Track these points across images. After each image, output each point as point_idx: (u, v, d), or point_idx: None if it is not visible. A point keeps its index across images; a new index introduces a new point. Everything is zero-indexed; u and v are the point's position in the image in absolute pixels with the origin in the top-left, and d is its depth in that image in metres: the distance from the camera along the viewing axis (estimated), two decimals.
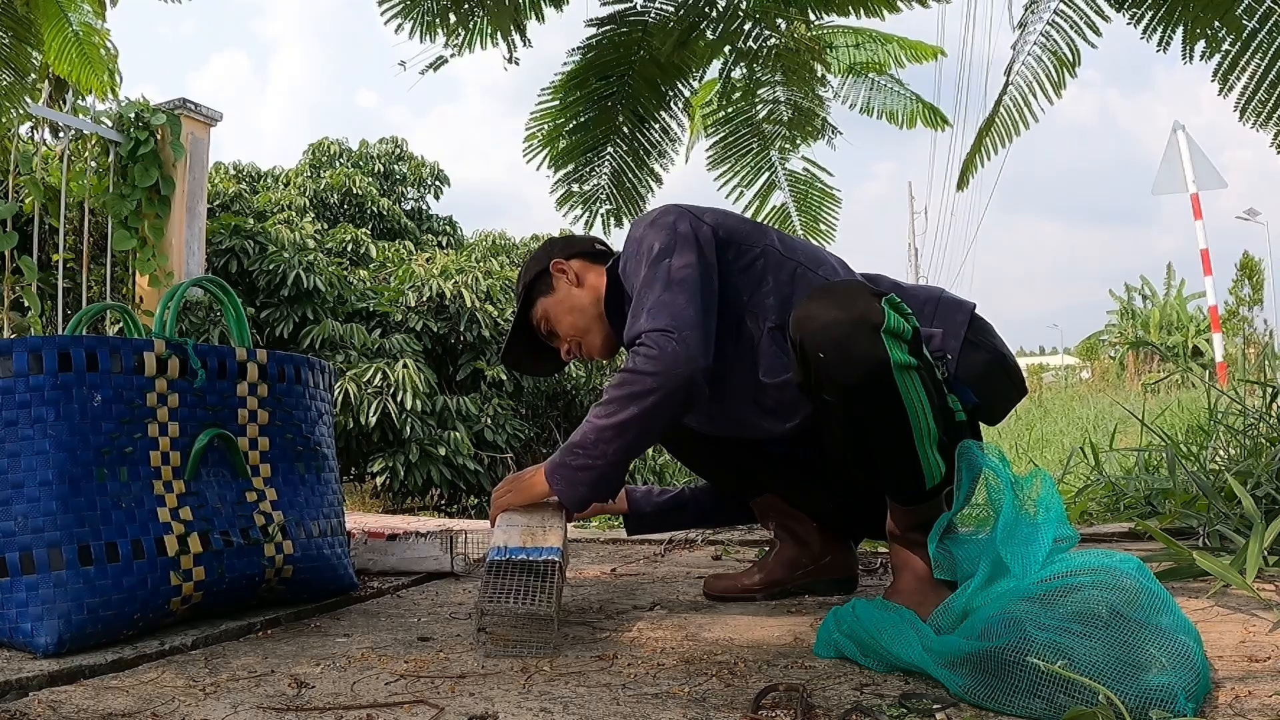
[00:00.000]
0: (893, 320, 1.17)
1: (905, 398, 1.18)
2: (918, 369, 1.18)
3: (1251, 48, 1.65)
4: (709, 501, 1.75)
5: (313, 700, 0.98)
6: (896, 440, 1.20)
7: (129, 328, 1.59)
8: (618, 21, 2.35)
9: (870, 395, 1.18)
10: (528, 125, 2.53)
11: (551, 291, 1.58)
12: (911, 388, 1.18)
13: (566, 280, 1.58)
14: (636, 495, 1.75)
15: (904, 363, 1.17)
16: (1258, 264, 19.91)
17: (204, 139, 4.92)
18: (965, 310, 1.39)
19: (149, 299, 4.64)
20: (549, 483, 1.37)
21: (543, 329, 1.61)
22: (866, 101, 2.74)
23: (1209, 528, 1.77)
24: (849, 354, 1.16)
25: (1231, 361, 6.76)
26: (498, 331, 6.45)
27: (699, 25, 2.32)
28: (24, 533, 1.16)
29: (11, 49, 2.44)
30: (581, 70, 2.43)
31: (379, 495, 6.26)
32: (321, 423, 1.59)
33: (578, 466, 1.34)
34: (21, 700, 0.99)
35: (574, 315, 1.57)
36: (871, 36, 2.66)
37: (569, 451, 1.35)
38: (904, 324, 1.18)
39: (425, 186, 12.81)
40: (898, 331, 1.17)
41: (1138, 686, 0.86)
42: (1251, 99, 1.69)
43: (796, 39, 2.37)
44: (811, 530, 1.60)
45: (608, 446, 1.32)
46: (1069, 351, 26.98)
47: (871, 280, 1.44)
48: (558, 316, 1.58)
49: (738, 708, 0.95)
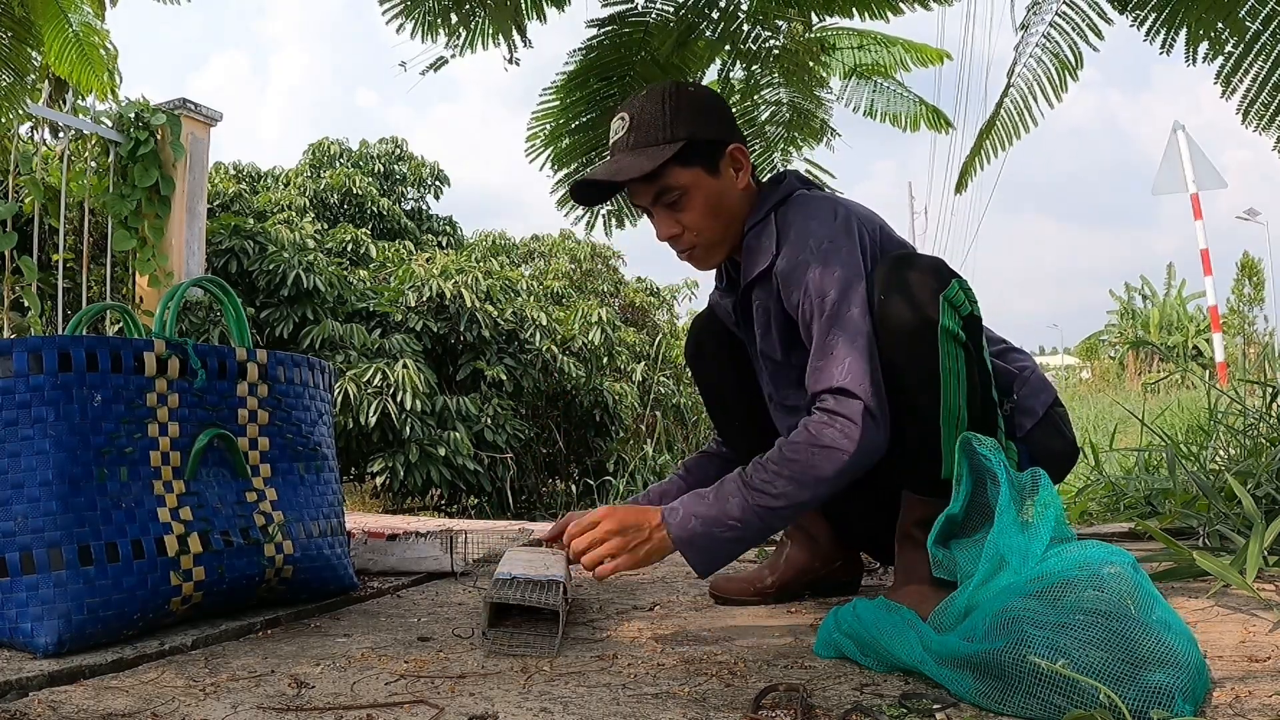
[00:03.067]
0: (954, 290, 1.23)
1: (943, 365, 1.22)
2: (964, 345, 1.23)
3: (1254, 50, 1.65)
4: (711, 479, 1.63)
5: (313, 700, 0.98)
6: (925, 407, 1.23)
7: (129, 328, 1.59)
8: (618, 22, 2.35)
9: (911, 350, 1.22)
10: (529, 125, 2.53)
11: (715, 174, 1.34)
12: (951, 358, 1.22)
13: (732, 173, 1.36)
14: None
15: (951, 330, 1.22)
16: (1258, 264, 19.92)
17: (204, 139, 4.92)
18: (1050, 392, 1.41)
19: (149, 299, 4.64)
20: (681, 551, 1.22)
21: (662, 199, 1.34)
22: (870, 104, 2.73)
23: (1209, 528, 1.77)
24: (905, 303, 1.22)
25: (1232, 361, 6.76)
26: (497, 331, 6.45)
27: (699, 26, 2.32)
28: (24, 533, 1.16)
29: (11, 49, 2.44)
30: (582, 71, 2.43)
31: (379, 495, 6.26)
32: (321, 423, 1.59)
33: (727, 540, 1.21)
34: (21, 700, 0.99)
35: (720, 217, 1.36)
36: (875, 39, 2.65)
37: (719, 523, 1.20)
38: (965, 300, 1.24)
39: (425, 187, 12.80)
40: (956, 303, 1.23)
41: (1137, 686, 0.86)
42: (1254, 102, 1.69)
43: (796, 41, 2.36)
44: (825, 529, 1.57)
45: (773, 522, 1.22)
46: (1069, 351, 26.97)
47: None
48: (701, 205, 1.34)
49: (738, 708, 0.95)
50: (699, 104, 1.35)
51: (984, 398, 1.28)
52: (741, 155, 1.37)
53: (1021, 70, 1.90)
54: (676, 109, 1.33)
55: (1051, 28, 1.84)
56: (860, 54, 2.67)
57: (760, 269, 1.36)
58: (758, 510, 1.20)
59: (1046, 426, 1.38)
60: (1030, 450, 1.36)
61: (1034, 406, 1.38)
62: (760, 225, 1.37)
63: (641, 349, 8.01)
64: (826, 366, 1.24)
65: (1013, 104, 1.94)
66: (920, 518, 1.28)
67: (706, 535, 1.21)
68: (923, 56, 2.72)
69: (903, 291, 1.23)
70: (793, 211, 1.34)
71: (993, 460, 1.12)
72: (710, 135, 1.34)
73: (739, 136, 1.40)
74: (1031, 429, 1.37)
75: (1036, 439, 1.37)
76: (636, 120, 1.34)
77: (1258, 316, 18.99)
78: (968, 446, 1.15)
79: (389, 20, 2.34)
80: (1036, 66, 1.89)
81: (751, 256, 1.38)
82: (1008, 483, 1.09)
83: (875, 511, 1.41)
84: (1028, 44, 1.87)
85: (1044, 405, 1.38)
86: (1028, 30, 1.86)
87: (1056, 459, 1.40)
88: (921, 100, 2.77)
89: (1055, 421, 1.39)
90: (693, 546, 1.22)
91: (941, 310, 1.22)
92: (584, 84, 2.45)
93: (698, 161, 1.33)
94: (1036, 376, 1.42)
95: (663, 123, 1.32)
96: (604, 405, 6.94)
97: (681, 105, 1.33)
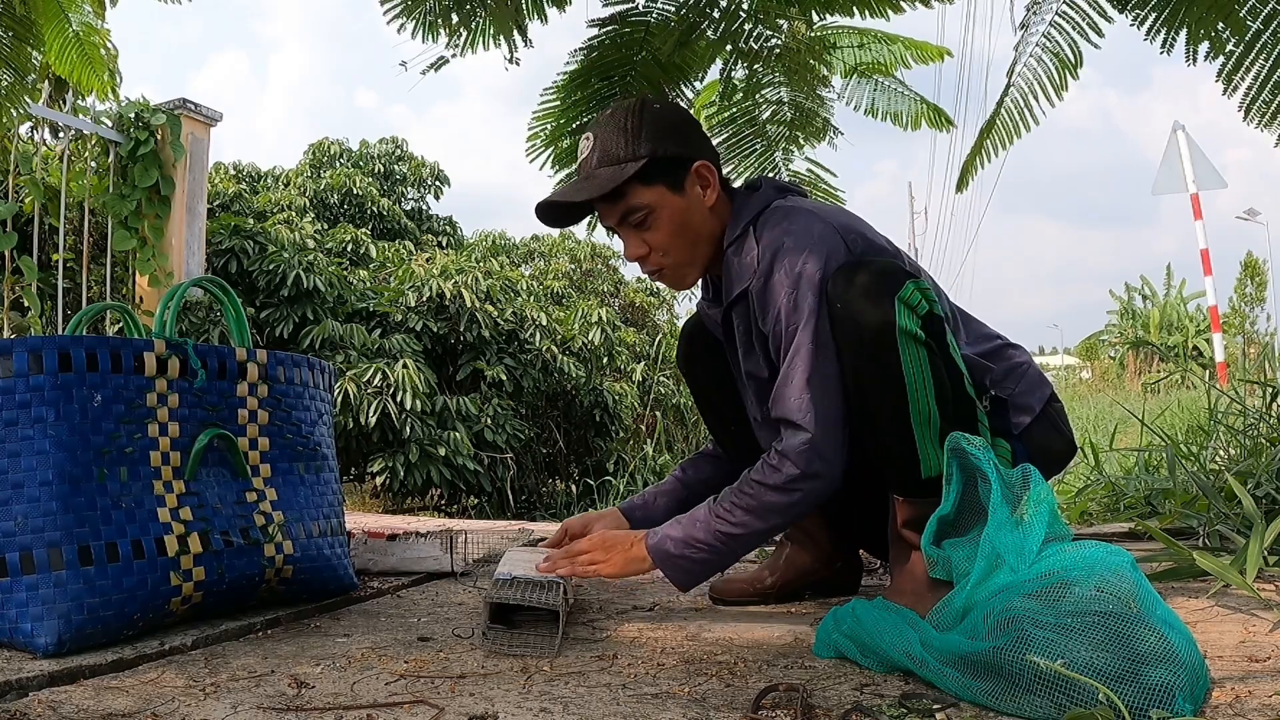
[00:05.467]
0: (909, 291, 1.22)
1: (905, 366, 1.21)
2: (925, 344, 1.22)
3: (1255, 49, 1.65)
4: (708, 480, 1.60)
5: (313, 700, 0.98)
6: (894, 410, 1.23)
7: (129, 328, 1.59)
8: (619, 22, 2.35)
9: (872, 355, 1.22)
10: (530, 126, 2.53)
11: (679, 192, 1.32)
12: (913, 359, 1.22)
13: (700, 190, 1.34)
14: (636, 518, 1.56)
15: (910, 331, 1.21)
16: (1260, 264, 19.93)
17: (204, 139, 4.92)
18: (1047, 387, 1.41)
19: (149, 299, 4.64)
20: (660, 568, 1.32)
21: (629, 219, 1.32)
22: (871, 102, 2.73)
23: (1209, 528, 1.77)
24: (861, 309, 1.21)
25: (1232, 361, 6.76)
26: (497, 331, 6.44)
27: (700, 25, 2.32)
28: (24, 533, 1.16)
29: (12, 49, 2.43)
30: (583, 70, 2.43)
31: (379, 495, 6.26)
32: (321, 423, 1.59)
33: (700, 560, 1.30)
34: (21, 700, 0.99)
35: (686, 236, 1.34)
36: (876, 37, 2.65)
37: (689, 544, 1.29)
38: (921, 299, 1.23)
39: (425, 187, 12.80)
40: (912, 303, 1.22)
41: (1138, 685, 0.86)
42: (1256, 99, 1.69)
43: (798, 39, 2.36)
44: (824, 530, 1.56)
45: (738, 546, 1.31)
46: (1069, 351, 26.98)
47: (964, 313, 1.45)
48: (667, 224, 1.32)
49: (738, 708, 0.95)
50: (663, 121, 1.33)
51: (956, 394, 1.26)
52: (708, 172, 1.34)
53: (1022, 69, 1.90)
54: (639, 126, 1.31)
55: (1052, 27, 1.84)
56: (861, 52, 2.67)
57: (739, 290, 1.35)
58: (719, 535, 1.29)
59: (1043, 423, 1.37)
60: (1027, 447, 1.35)
61: (1030, 403, 1.37)
62: (739, 241, 1.35)
63: (641, 349, 8.01)
64: (784, 395, 1.27)
65: (1013, 103, 1.94)
66: (909, 518, 1.28)
67: (682, 557, 1.31)
68: (923, 54, 2.72)
69: (857, 298, 1.22)
70: (770, 227, 1.32)
71: (981, 459, 1.12)
72: (673, 153, 1.32)
73: (708, 153, 1.37)
74: (1029, 425, 1.36)
75: (1034, 436, 1.36)
76: (600, 139, 1.33)
77: (1259, 316, 19.02)
78: (956, 446, 1.15)
79: (389, 20, 2.34)
80: (1037, 66, 1.88)
81: (730, 276, 1.36)
82: (997, 480, 1.09)
83: (874, 511, 1.41)
84: (1028, 43, 1.87)
85: (1040, 401, 1.37)
86: (1028, 30, 1.86)
87: (1054, 456, 1.39)
88: (922, 99, 2.77)
89: (1052, 418, 1.39)
90: (667, 565, 1.32)
91: (898, 312, 1.21)
92: (585, 84, 2.45)
93: (660, 179, 1.31)
94: (1033, 372, 1.40)
95: (625, 140, 1.31)
96: (604, 405, 6.94)
97: (644, 123, 1.31)
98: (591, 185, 1.31)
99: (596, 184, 1.30)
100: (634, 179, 1.30)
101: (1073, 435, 1.44)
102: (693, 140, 1.36)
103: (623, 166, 1.30)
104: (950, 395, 1.25)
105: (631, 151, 1.30)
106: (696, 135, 1.38)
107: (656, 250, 1.35)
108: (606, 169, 1.31)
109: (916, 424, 1.23)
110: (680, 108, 1.44)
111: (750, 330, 1.37)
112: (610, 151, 1.32)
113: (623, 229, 1.36)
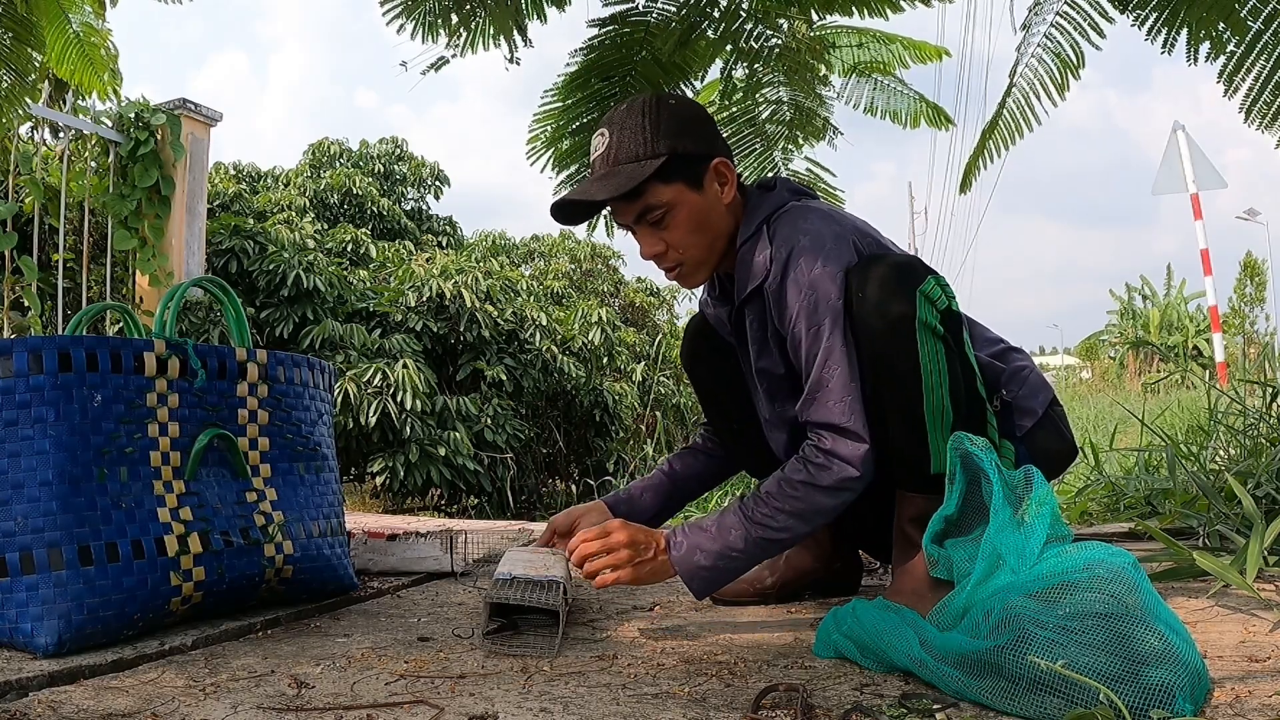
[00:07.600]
0: (930, 285, 1.23)
1: (923, 359, 1.22)
2: (943, 339, 1.23)
3: (1256, 49, 1.65)
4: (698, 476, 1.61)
5: (313, 700, 0.98)
6: (909, 402, 1.23)
7: (129, 328, 1.59)
8: (619, 22, 2.35)
9: (890, 346, 1.22)
10: (530, 127, 2.53)
11: (699, 190, 1.30)
12: (931, 352, 1.23)
13: (718, 188, 1.32)
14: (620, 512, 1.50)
15: (930, 324, 1.22)
16: (1260, 264, 19.94)
17: (204, 139, 4.92)
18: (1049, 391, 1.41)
19: (149, 299, 4.64)
20: (684, 580, 1.27)
21: (645, 217, 1.30)
22: (870, 101, 2.73)
23: (1209, 528, 1.77)
24: (882, 300, 1.22)
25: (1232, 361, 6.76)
26: (497, 331, 6.45)
27: (700, 25, 2.32)
28: (24, 533, 1.16)
29: (12, 49, 2.43)
30: (584, 71, 2.43)
31: (379, 495, 6.26)
32: (321, 423, 1.59)
33: (730, 570, 1.27)
34: (21, 700, 0.99)
35: (705, 234, 1.32)
36: (875, 36, 2.65)
37: (722, 555, 1.25)
38: (941, 294, 1.24)
39: (425, 186, 12.81)
40: (933, 297, 1.23)
41: (1138, 685, 0.86)
42: (1256, 100, 1.69)
43: (798, 39, 2.37)
44: (825, 530, 1.54)
45: (772, 551, 1.28)
46: (1069, 351, 26.99)
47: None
48: (685, 222, 1.30)
49: (738, 708, 0.95)
50: (681, 117, 1.31)
51: (969, 392, 1.28)
52: (726, 169, 1.33)
53: (1024, 70, 1.89)
54: (657, 123, 1.28)
55: (1053, 27, 1.84)
56: (860, 51, 2.68)
57: (753, 287, 1.33)
58: (759, 542, 1.25)
59: (1046, 426, 1.38)
60: (1030, 450, 1.36)
61: (1033, 406, 1.38)
62: (752, 240, 1.34)
63: (641, 349, 8.01)
64: (823, 399, 1.24)
65: (1015, 104, 1.94)
66: (915, 514, 1.28)
67: (712, 569, 1.26)
68: (922, 53, 2.72)
69: (878, 288, 1.22)
70: (785, 226, 1.31)
71: (984, 460, 1.12)
72: (693, 150, 1.29)
73: (724, 149, 1.36)
74: (1031, 429, 1.37)
75: (1036, 438, 1.37)
76: (616, 136, 1.30)
77: (1259, 316, 19.02)
78: (960, 446, 1.15)
79: (389, 20, 2.34)
80: (1039, 66, 1.88)
81: (744, 274, 1.35)
82: (1000, 481, 1.09)
83: (874, 511, 1.41)
84: (1029, 43, 1.87)
85: (1043, 405, 1.38)
86: (1029, 30, 1.86)
87: (1055, 458, 1.40)
88: (922, 97, 2.77)
89: (1054, 421, 1.40)
90: (696, 578, 1.27)
91: (919, 304, 1.21)
92: (585, 84, 2.45)
93: (680, 177, 1.28)
94: (1035, 376, 1.41)
95: (643, 138, 1.28)
96: (604, 405, 6.95)
97: (663, 119, 1.29)
98: (610, 184, 1.28)
99: (615, 182, 1.27)
100: (653, 177, 1.27)
101: (1074, 438, 1.45)
102: (710, 136, 1.34)
103: (642, 164, 1.27)
104: (964, 393, 1.26)
105: (651, 149, 1.27)
106: (713, 131, 1.36)
107: (674, 248, 1.32)
108: (625, 166, 1.28)
109: (929, 418, 1.23)
110: (696, 103, 1.41)
111: (765, 327, 1.37)
112: (628, 148, 1.28)
113: (639, 227, 1.33)
